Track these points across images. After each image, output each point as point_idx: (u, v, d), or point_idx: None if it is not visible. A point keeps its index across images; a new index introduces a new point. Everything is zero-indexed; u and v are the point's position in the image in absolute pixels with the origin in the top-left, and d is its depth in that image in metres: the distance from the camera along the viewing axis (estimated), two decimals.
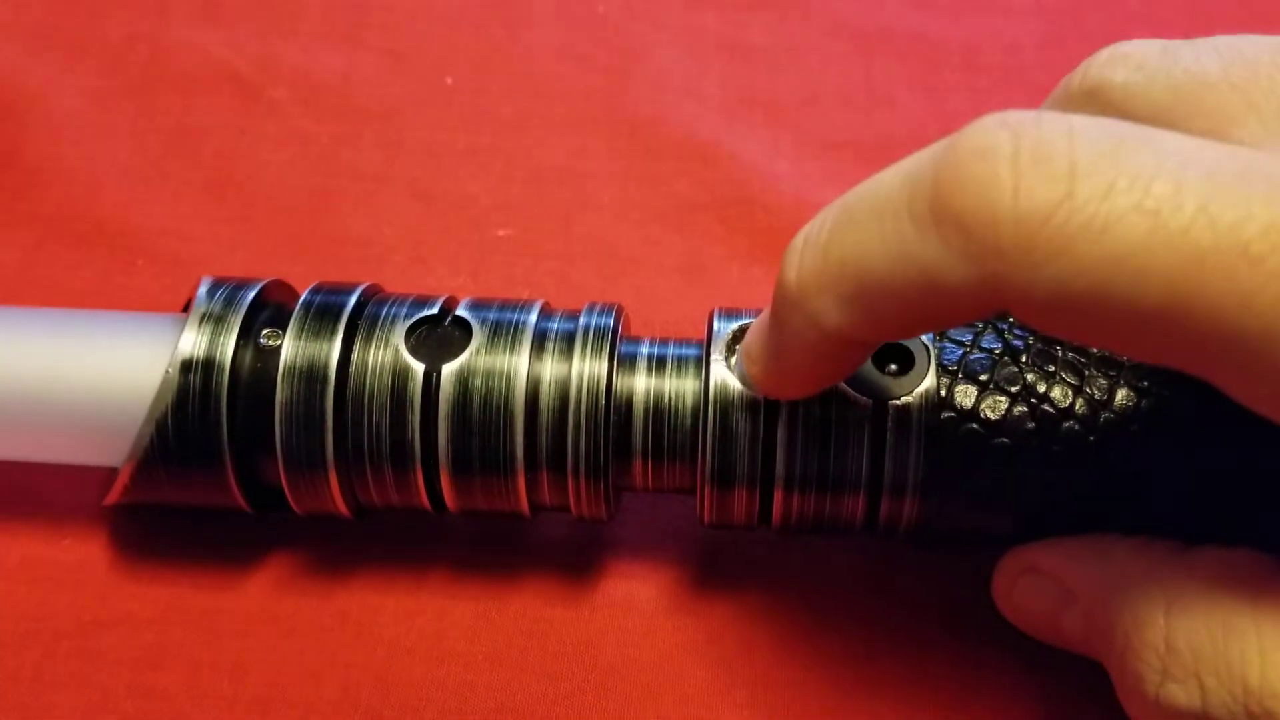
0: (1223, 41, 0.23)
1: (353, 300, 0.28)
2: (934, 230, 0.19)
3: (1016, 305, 0.19)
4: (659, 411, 0.28)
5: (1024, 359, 0.26)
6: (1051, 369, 0.26)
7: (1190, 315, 0.18)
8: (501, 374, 0.27)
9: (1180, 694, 0.21)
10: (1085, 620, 0.24)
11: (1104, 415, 0.25)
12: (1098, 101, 0.24)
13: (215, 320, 0.28)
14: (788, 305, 0.22)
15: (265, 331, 0.28)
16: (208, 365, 0.27)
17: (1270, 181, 0.18)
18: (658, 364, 0.28)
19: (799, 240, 0.22)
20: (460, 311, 0.28)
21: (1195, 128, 0.22)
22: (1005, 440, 0.26)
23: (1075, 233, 0.18)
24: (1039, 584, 0.26)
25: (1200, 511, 0.25)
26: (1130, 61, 0.23)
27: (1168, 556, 0.23)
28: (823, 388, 0.26)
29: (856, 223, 0.21)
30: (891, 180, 0.20)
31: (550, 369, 0.28)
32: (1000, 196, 0.18)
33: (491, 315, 0.28)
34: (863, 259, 0.20)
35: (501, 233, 0.39)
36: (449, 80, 0.44)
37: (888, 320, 0.21)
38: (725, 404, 0.27)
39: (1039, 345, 0.26)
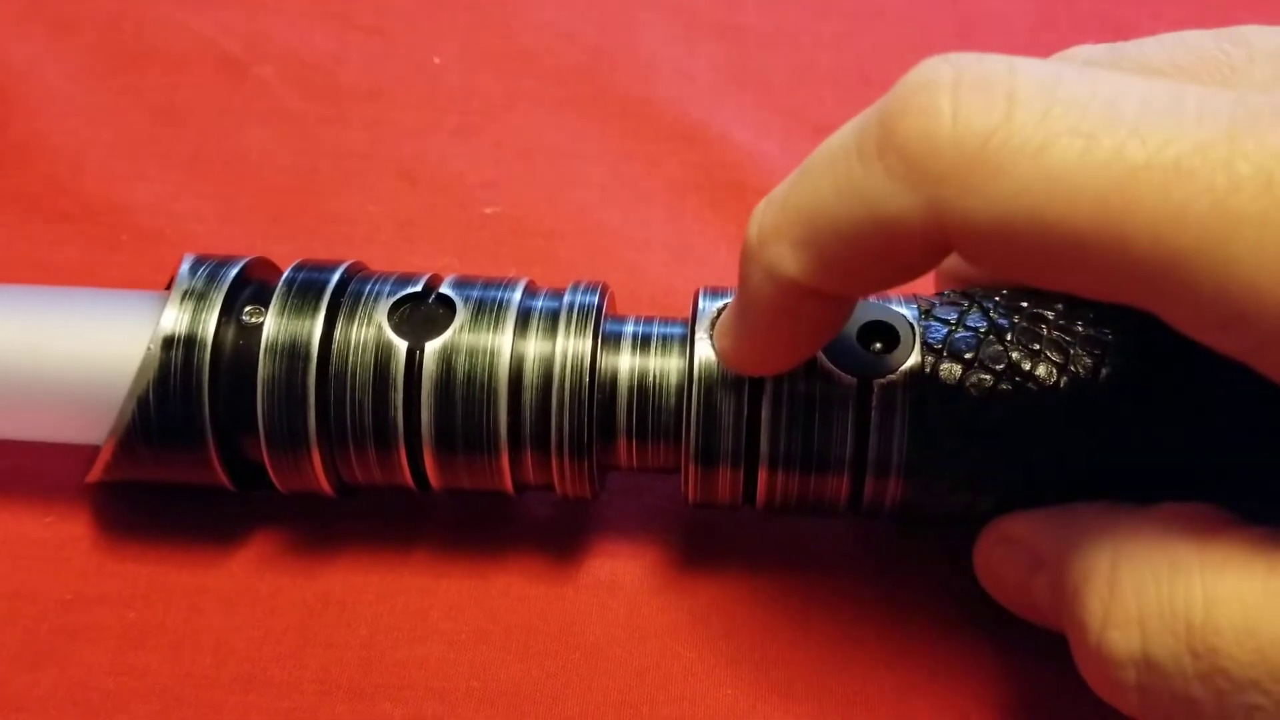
0: (1166, 36, 0.24)
1: (335, 277, 0.28)
2: (879, 163, 0.20)
3: (959, 235, 0.19)
4: (643, 390, 0.28)
5: (1009, 337, 0.26)
6: (1036, 347, 0.26)
7: (1125, 236, 0.18)
8: (485, 352, 0.27)
9: (1120, 640, 0.21)
10: (1049, 582, 0.24)
11: (1089, 394, 0.25)
12: None
13: (198, 297, 0.28)
14: (748, 261, 0.23)
15: (248, 309, 0.28)
16: (190, 342, 0.27)
17: (1202, 105, 0.18)
18: (642, 342, 0.28)
19: (761, 202, 0.23)
20: (444, 289, 0.28)
21: None
22: (990, 419, 0.26)
23: (1013, 154, 0.18)
24: (1011, 552, 0.26)
25: (1184, 488, 0.25)
26: (1079, 57, 0.24)
27: (1124, 511, 0.23)
28: (794, 359, 0.25)
29: (811, 173, 0.21)
30: (843, 131, 0.21)
31: (534, 347, 0.27)
32: (940, 123, 0.19)
33: (475, 293, 0.28)
34: (815, 203, 0.21)
35: (489, 211, 0.39)
36: (437, 59, 0.43)
37: (841, 264, 0.21)
38: (710, 383, 0.27)
39: (1024, 324, 0.26)
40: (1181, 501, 0.22)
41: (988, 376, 0.26)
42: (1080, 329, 0.26)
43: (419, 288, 0.28)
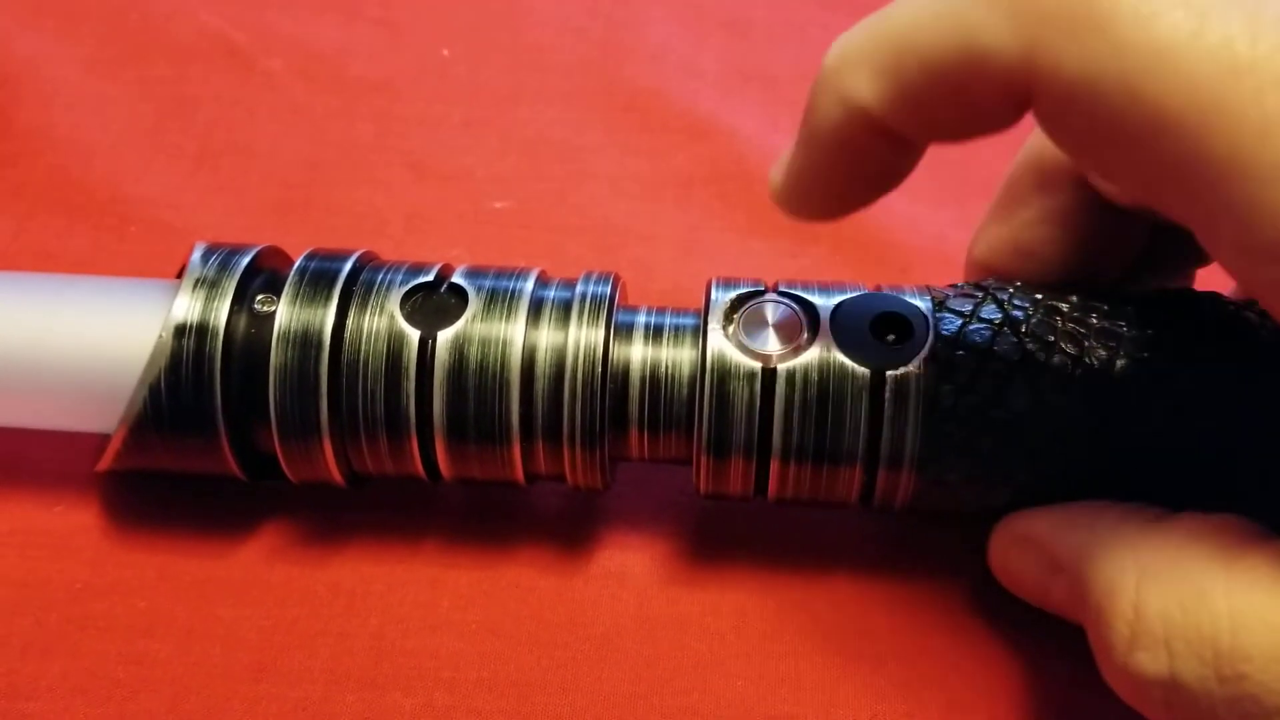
0: None
1: (348, 266, 0.28)
2: None
3: (1045, 83, 0.19)
4: (655, 380, 0.27)
5: (1023, 329, 0.26)
6: (1051, 339, 0.25)
7: (1207, 130, 0.17)
8: (497, 341, 0.27)
9: (1148, 662, 0.21)
10: (1069, 588, 0.24)
11: (1103, 386, 0.25)
12: None
13: (209, 285, 0.28)
14: (821, 87, 0.22)
15: (260, 297, 0.28)
16: (201, 330, 0.27)
17: None
18: (655, 333, 0.28)
19: (851, 29, 0.22)
20: (456, 278, 0.28)
21: None
22: (1004, 411, 0.25)
23: (1123, 12, 0.18)
24: (1028, 552, 0.26)
25: (1198, 483, 0.25)
26: None
27: (1146, 523, 0.23)
28: (846, 205, 0.24)
29: None
30: None
31: (546, 337, 0.27)
32: None
33: (488, 282, 0.28)
34: (908, 25, 0.20)
35: (498, 205, 0.39)
36: (445, 52, 0.43)
37: (920, 97, 0.20)
38: (722, 373, 0.26)
39: (1038, 316, 0.26)
40: (1198, 500, 0.22)
41: (1002, 369, 0.26)
42: (1095, 321, 0.26)
43: (431, 277, 0.28)
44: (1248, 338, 0.26)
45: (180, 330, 0.27)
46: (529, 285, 0.28)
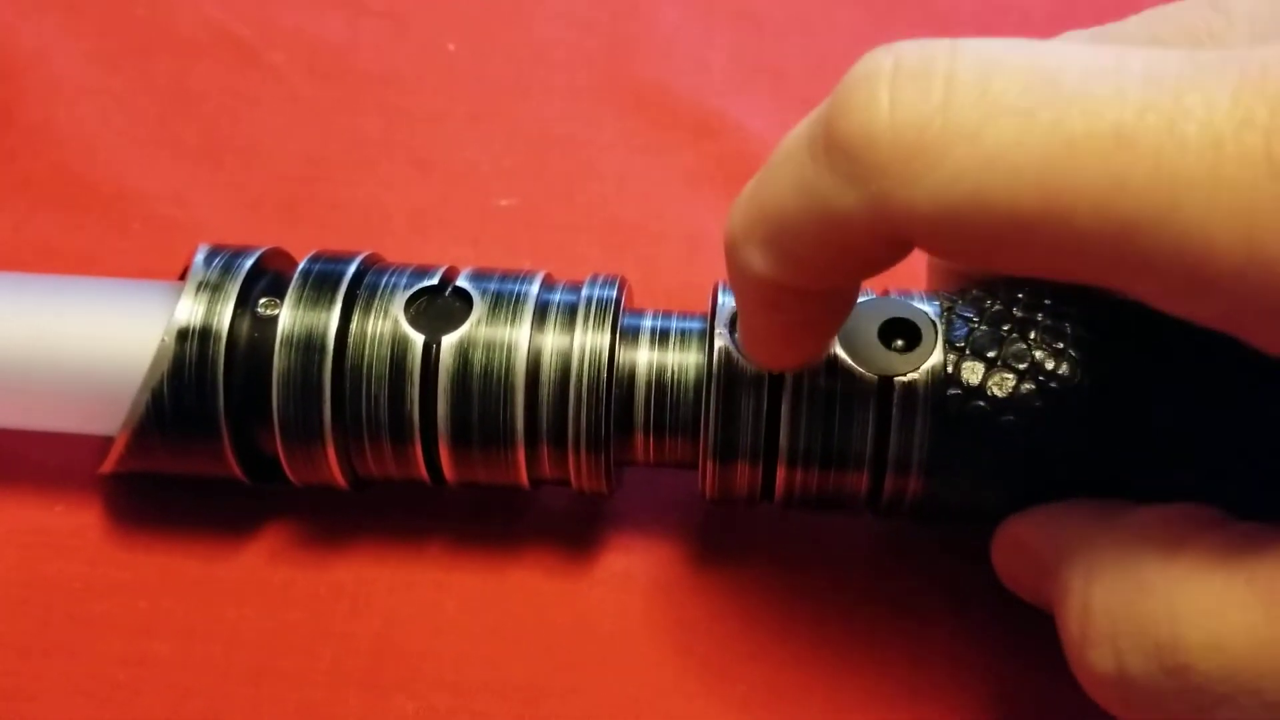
0: (1151, 10, 0.23)
1: (352, 269, 0.28)
2: (825, 159, 0.19)
3: (906, 226, 0.19)
4: (661, 385, 0.27)
5: (1032, 336, 0.25)
6: (1060, 346, 0.25)
7: (1069, 211, 0.17)
8: (502, 346, 0.27)
9: (1098, 660, 0.21)
10: (1049, 588, 0.24)
11: (1110, 391, 0.25)
12: None
13: (212, 288, 0.28)
14: (728, 262, 0.23)
15: (263, 300, 0.28)
16: (204, 334, 0.27)
17: (1148, 68, 0.17)
18: (661, 337, 0.28)
19: (737, 199, 0.22)
20: (461, 282, 0.28)
21: None
22: (1012, 418, 0.25)
23: (950, 140, 0.18)
24: (1020, 556, 0.26)
25: (1208, 486, 0.25)
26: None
27: (1105, 518, 0.23)
28: (803, 353, 0.25)
29: (772, 169, 0.21)
30: (799, 127, 0.21)
31: (552, 341, 0.27)
32: (878, 114, 0.18)
33: (492, 286, 0.28)
34: (773, 201, 0.21)
35: (503, 202, 0.39)
36: (451, 46, 0.43)
37: (803, 261, 0.21)
38: (729, 378, 0.26)
39: (1048, 322, 0.26)
40: (1202, 497, 0.22)
41: (1010, 375, 0.25)
42: (1107, 327, 0.25)
43: (435, 280, 0.28)
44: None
45: (183, 334, 0.27)
46: (534, 289, 0.28)
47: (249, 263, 0.28)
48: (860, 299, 0.27)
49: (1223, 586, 0.19)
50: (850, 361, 0.26)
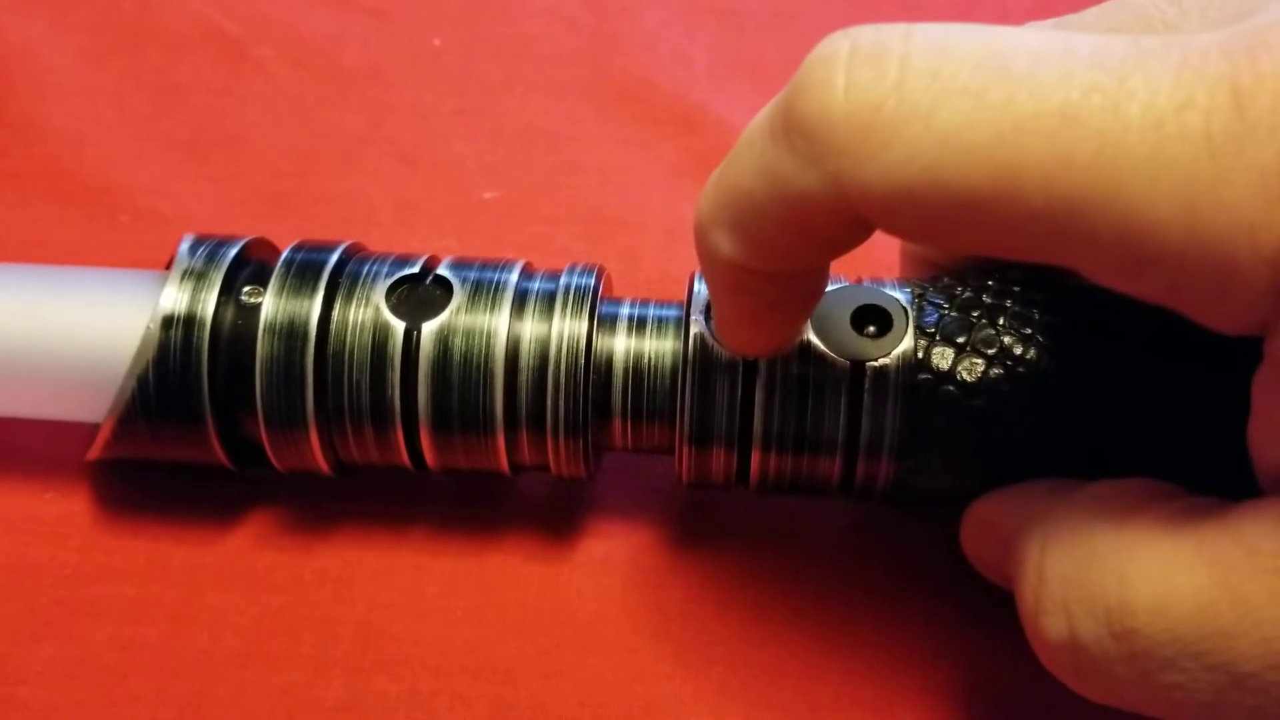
0: (1110, 2, 0.24)
1: (334, 258, 0.28)
2: (785, 141, 0.20)
3: (863, 204, 0.19)
4: (638, 371, 0.28)
5: (1001, 322, 0.26)
6: (1028, 332, 0.26)
7: (1017, 189, 0.18)
8: (482, 333, 0.27)
9: (1050, 626, 0.21)
10: (1010, 564, 0.25)
11: (1078, 376, 0.25)
12: None
13: (197, 277, 0.28)
14: (698, 246, 0.23)
15: (246, 289, 0.28)
16: (189, 321, 0.28)
17: (1095, 52, 0.18)
18: (638, 324, 0.28)
19: (705, 185, 0.23)
20: (441, 270, 0.29)
21: None
22: (981, 402, 0.26)
23: (903, 120, 0.18)
24: (985, 534, 0.26)
25: (1174, 467, 0.25)
26: None
27: (1060, 494, 0.23)
28: (775, 338, 0.26)
29: (736, 154, 0.21)
30: (762, 112, 0.21)
31: (530, 328, 0.28)
32: (834, 94, 0.19)
33: (472, 274, 0.28)
34: (737, 184, 0.21)
35: (487, 195, 0.39)
36: (436, 42, 0.44)
37: (767, 243, 0.21)
38: (704, 364, 0.27)
39: (1017, 308, 0.26)
40: (1169, 477, 0.23)
41: (979, 360, 0.26)
42: (1073, 313, 0.26)
43: (416, 269, 0.28)
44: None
45: (168, 321, 0.27)
46: (513, 277, 0.28)
47: (233, 252, 0.29)
48: (832, 286, 0.28)
49: (1170, 551, 0.20)
50: (823, 347, 0.26)
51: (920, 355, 0.26)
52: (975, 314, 0.26)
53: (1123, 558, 0.20)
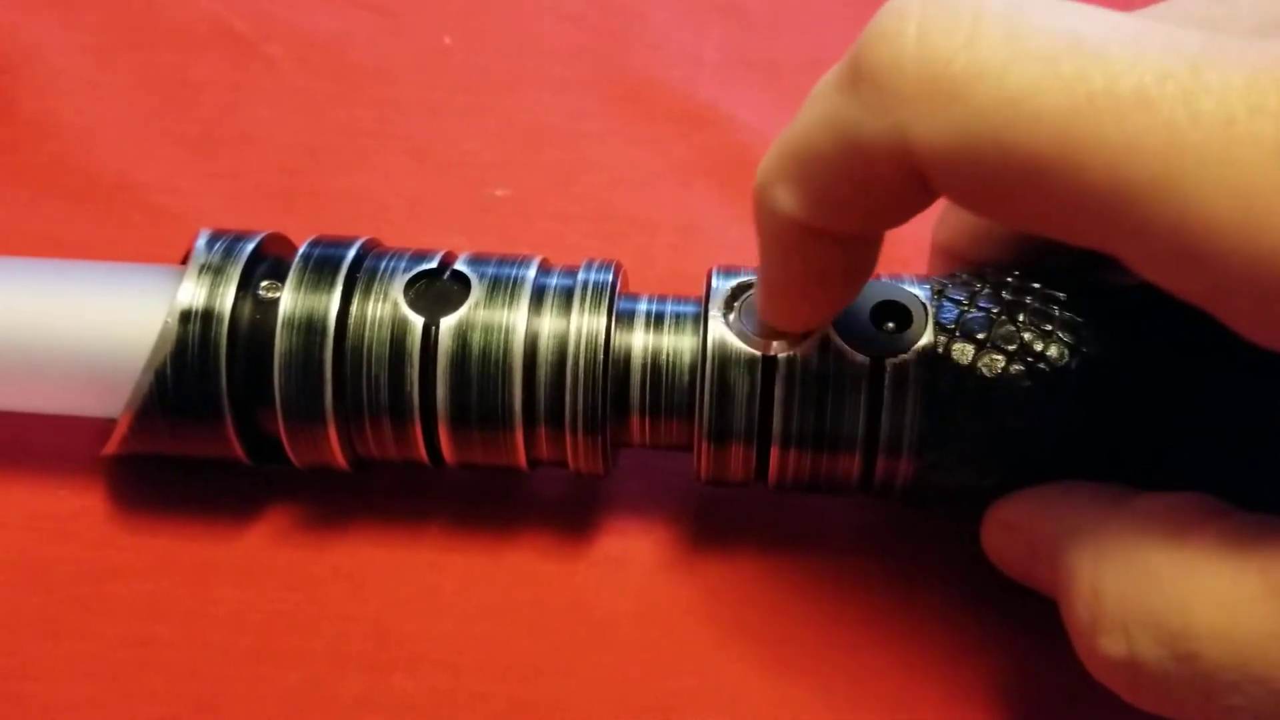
0: (1159, 5, 0.24)
1: (352, 253, 0.28)
2: (852, 89, 0.20)
3: (924, 159, 0.19)
4: (657, 368, 0.28)
5: (1021, 318, 0.26)
6: (1049, 328, 0.26)
7: (1081, 164, 0.18)
8: (500, 328, 0.27)
9: (1109, 645, 0.21)
10: (1046, 576, 0.24)
11: (1101, 375, 0.25)
12: None
13: (214, 271, 0.28)
14: (756, 205, 0.23)
15: (264, 283, 0.28)
16: (207, 316, 0.27)
17: (1169, 39, 0.18)
18: (656, 320, 0.28)
19: (769, 148, 0.23)
20: (459, 265, 0.28)
21: None
22: (1001, 399, 0.26)
23: (974, 76, 0.18)
24: (1011, 539, 0.26)
25: (1195, 470, 0.25)
26: None
27: (1106, 505, 0.23)
28: (818, 311, 0.26)
29: (804, 110, 0.22)
30: (832, 68, 0.21)
31: (548, 324, 0.28)
32: (904, 46, 0.19)
33: (490, 270, 0.28)
34: (804, 139, 0.21)
35: (499, 193, 0.39)
36: (447, 39, 0.44)
37: (830, 198, 0.21)
38: (723, 360, 0.27)
39: (1036, 304, 0.26)
40: (1183, 487, 0.23)
41: (1000, 357, 0.26)
42: (1094, 311, 0.26)
43: (434, 264, 0.28)
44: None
45: (185, 316, 0.27)
46: (531, 273, 0.28)
47: (250, 247, 0.29)
48: None
49: (1234, 578, 0.19)
50: (842, 343, 0.26)
51: (940, 351, 0.26)
52: (995, 310, 0.26)
53: (1183, 581, 0.20)
